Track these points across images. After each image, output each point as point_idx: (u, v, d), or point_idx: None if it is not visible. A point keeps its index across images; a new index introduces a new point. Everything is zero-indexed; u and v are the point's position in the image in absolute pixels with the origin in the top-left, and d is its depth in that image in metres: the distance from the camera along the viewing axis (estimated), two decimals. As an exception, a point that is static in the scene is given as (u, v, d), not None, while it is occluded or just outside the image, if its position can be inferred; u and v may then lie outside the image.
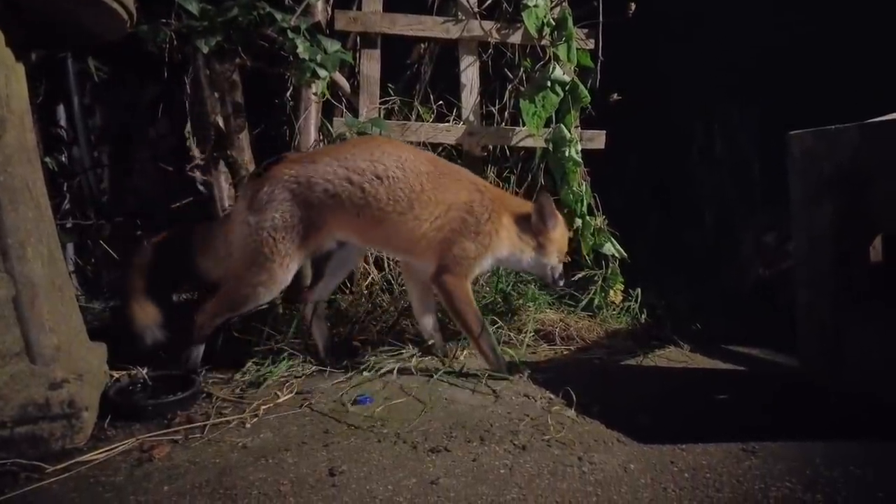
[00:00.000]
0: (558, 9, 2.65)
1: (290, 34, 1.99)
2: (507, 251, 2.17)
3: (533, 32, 2.60)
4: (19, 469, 1.47)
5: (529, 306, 2.69)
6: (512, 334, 2.56)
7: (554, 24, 2.61)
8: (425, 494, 1.40)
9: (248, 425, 1.78)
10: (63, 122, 2.96)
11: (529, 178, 2.88)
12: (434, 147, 2.78)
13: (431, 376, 2.15)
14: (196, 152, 2.24)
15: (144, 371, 2.06)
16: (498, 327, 2.55)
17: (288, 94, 2.82)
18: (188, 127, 2.32)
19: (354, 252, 2.28)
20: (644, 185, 3.72)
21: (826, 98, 2.59)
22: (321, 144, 2.54)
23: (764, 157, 3.50)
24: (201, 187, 2.30)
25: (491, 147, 2.91)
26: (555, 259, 2.24)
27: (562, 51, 2.60)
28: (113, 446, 1.62)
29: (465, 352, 2.42)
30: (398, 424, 1.78)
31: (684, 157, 3.82)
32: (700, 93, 3.56)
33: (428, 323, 2.34)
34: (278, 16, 1.99)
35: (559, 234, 2.22)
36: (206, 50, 1.97)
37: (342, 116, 2.65)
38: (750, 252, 3.53)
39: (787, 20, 3.17)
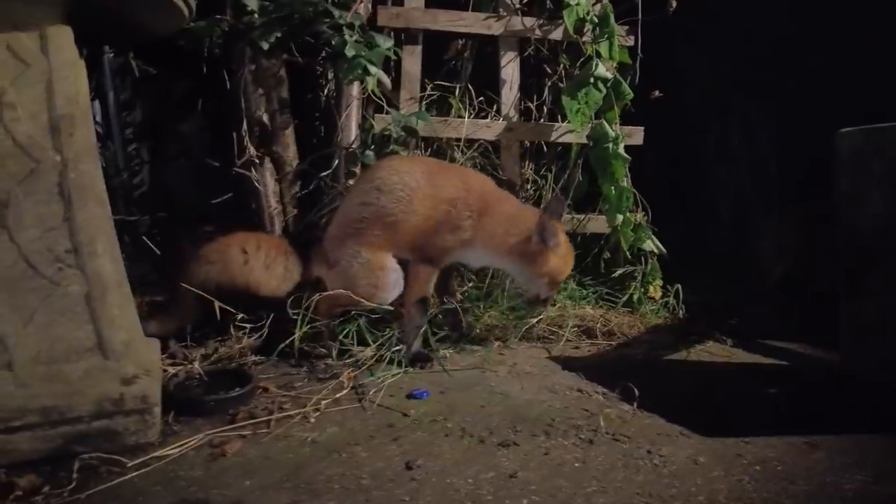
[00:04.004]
0: (598, 6, 2.66)
1: (346, 30, 2.00)
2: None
3: (571, 30, 2.61)
4: (100, 463, 1.49)
5: (567, 302, 2.72)
6: (553, 328, 2.60)
7: (596, 21, 2.62)
8: (507, 487, 1.42)
9: (311, 420, 1.79)
10: (99, 119, 2.96)
11: (566, 175, 2.90)
12: (472, 143, 2.79)
13: (480, 369, 2.19)
14: (251, 149, 2.24)
15: (198, 366, 2.08)
16: (539, 319, 2.59)
17: (326, 90, 2.82)
18: (244, 126, 2.30)
19: None
20: (664, 182, 3.74)
21: (846, 94, 2.61)
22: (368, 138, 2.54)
23: (785, 152, 3.51)
24: (257, 184, 2.30)
25: (528, 143, 2.92)
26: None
27: (603, 48, 2.61)
28: (184, 441, 1.63)
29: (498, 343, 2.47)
30: (459, 418, 1.80)
31: (703, 154, 3.84)
32: (718, 88, 3.56)
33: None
34: (336, 12, 1.99)
35: (555, 261, 2.14)
36: (266, 46, 1.97)
37: (383, 112, 2.65)
38: (776, 246, 3.55)
39: (804, 13, 3.16)
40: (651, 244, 2.71)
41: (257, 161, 2.26)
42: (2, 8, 1.49)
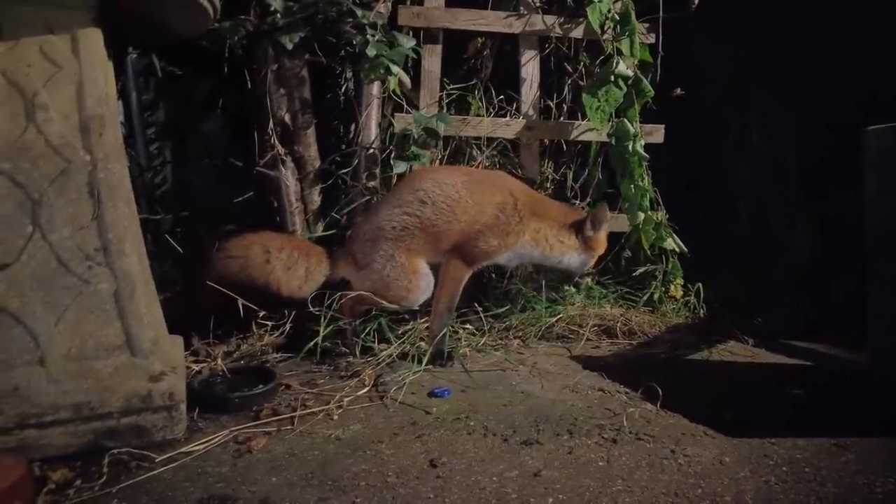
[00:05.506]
0: (620, 3, 2.65)
1: (369, 30, 2.00)
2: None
3: (596, 27, 2.60)
4: (129, 458, 1.51)
5: (587, 301, 2.71)
6: (573, 328, 2.59)
7: (618, 18, 2.61)
8: (532, 486, 1.42)
9: (334, 417, 1.81)
10: (122, 119, 2.99)
11: (586, 173, 2.89)
12: (491, 141, 2.79)
13: (500, 369, 2.20)
14: (280, 147, 2.26)
15: (221, 363, 2.10)
16: (559, 318, 2.59)
17: (342, 88, 2.82)
18: (270, 124, 2.32)
19: None
20: (682, 179, 3.70)
21: (866, 89, 2.56)
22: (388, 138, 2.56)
23: (805, 149, 3.45)
24: (284, 181, 2.31)
25: (547, 141, 2.91)
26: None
27: (624, 45, 2.59)
28: (210, 437, 1.65)
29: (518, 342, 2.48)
30: (482, 417, 1.80)
31: (722, 151, 3.79)
32: (737, 84, 3.51)
33: None
34: (359, 12, 2.00)
35: (603, 239, 2.43)
36: (290, 46, 1.98)
37: (402, 111, 2.65)
38: (795, 245, 3.50)
39: (825, 8, 3.10)
40: (672, 242, 2.69)
41: (284, 158, 2.27)
42: (36, 12, 1.51)
